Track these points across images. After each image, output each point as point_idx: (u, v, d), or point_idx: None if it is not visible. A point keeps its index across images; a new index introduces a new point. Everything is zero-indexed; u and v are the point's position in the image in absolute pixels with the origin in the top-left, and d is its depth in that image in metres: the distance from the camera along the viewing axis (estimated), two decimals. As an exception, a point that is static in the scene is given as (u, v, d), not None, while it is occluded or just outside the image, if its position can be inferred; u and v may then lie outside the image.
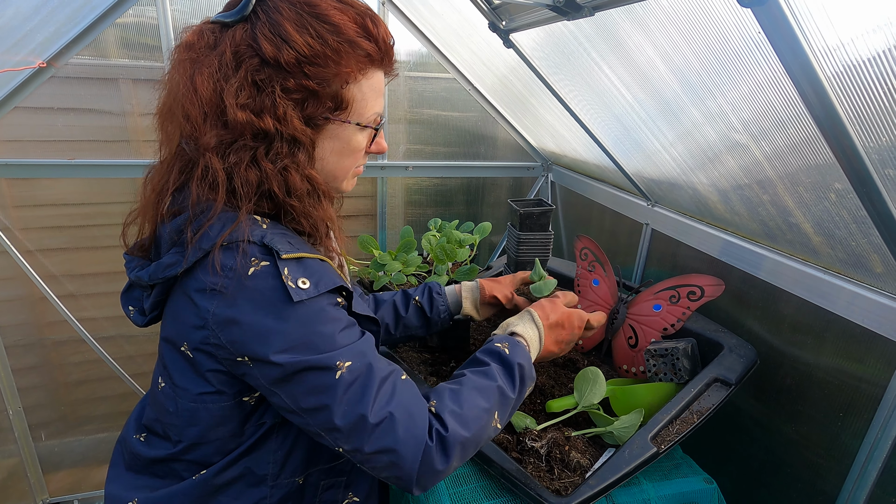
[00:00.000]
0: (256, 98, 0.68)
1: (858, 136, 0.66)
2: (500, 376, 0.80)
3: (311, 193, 0.73)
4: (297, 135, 0.70)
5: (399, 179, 2.11)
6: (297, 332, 0.67)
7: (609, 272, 1.36)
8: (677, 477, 1.01)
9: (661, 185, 1.39)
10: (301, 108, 0.70)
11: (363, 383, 0.69)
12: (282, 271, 0.66)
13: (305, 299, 0.67)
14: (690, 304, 1.20)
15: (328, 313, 0.70)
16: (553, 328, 0.96)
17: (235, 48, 0.68)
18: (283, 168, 0.70)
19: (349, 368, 0.68)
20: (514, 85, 1.70)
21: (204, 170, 0.69)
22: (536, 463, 0.97)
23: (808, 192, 0.88)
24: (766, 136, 0.87)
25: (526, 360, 0.84)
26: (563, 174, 2.06)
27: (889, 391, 0.90)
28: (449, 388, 0.77)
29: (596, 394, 1.06)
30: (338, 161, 0.77)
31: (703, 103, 0.96)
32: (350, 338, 0.71)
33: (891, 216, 0.71)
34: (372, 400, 0.68)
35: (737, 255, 1.21)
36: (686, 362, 1.12)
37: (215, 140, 0.68)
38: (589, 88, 1.28)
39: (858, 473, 0.96)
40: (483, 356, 0.83)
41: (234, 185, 0.69)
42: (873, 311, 0.92)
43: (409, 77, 1.99)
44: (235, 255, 0.66)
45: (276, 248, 0.67)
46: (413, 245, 1.51)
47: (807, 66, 0.61)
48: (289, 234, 0.72)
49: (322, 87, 0.70)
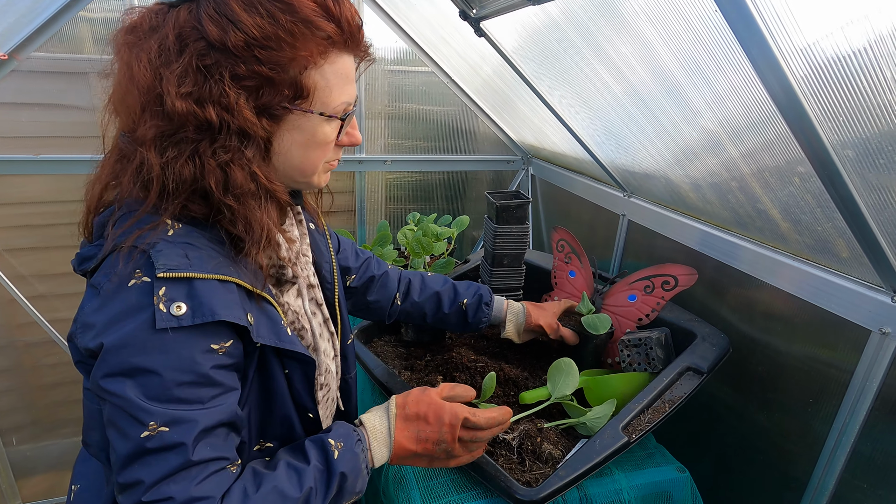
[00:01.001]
0: (202, 86, 0.61)
1: (813, 110, 0.66)
2: (314, 482, 0.67)
3: (253, 194, 0.65)
4: (246, 127, 0.63)
5: (379, 174, 2.09)
6: (135, 361, 0.58)
7: (585, 263, 1.36)
8: (650, 466, 1.01)
9: (636, 175, 1.39)
10: (255, 97, 0.63)
11: (164, 457, 0.58)
12: (156, 291, 0.59)
13: (171, 328, 0.58)
14: (665, 294, 1.20)
15: (190, 355, 0.59)
16: (411, 421, 0.79)
17: (179, 30, 0.62)
18: (224, 163, 0.63)
19: (160, 435, 0.57)
20: (491, 78, 1.69)
21: (140, 163, 0.63)
22: (508, 455, 0.96)
23: (774, 177, 0.88)
24: (730, 120, 0.87)
25: (354, 469, 0.71)
26: (542, 167, 2.05)
27: (856, 377, 0.91)
28: (245, 486, 0.63)
29: (569, 385, 1.05)
30: (303, 154, 0.70)
31: (674, 93, 0.96)
32: (193, 396, 0.60)
33: (851, 198, 0.71)
34: (162, 475, 0.58)
35: (710, 244, 1.21)
36: (659, 352, 1.11)
37: (153, 132, 0.62)
38: (565, 82, 1.27)
39: (828, 459, 0.96)
40: (310, 448, 0.70)
41: (166, 182, 0.62)
42: (840, 297, 0.92)
43: (388, 71, 1.97)
44: (127, 261, 0.61)
45: (158, 262, 0.59)
46: (388, 239, 1.50)
47: (761, 39, 0.60)
48: (197, 245, 0.64)
49: (277, 74, 0.63)
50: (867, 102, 0.62)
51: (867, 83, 0.60)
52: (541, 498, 0.84)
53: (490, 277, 1.37)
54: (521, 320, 1.14)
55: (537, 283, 1.45)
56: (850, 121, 0.65)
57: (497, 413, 0.84)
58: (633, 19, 0.87)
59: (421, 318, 1.16)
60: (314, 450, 0.70)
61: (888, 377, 0.86)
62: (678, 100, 0.95)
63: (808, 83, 0.64)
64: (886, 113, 0.61)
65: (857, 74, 0.60)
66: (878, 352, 0.86)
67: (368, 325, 1.36)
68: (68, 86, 1.60)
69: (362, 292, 1.11)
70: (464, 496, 0.92)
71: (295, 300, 0.79)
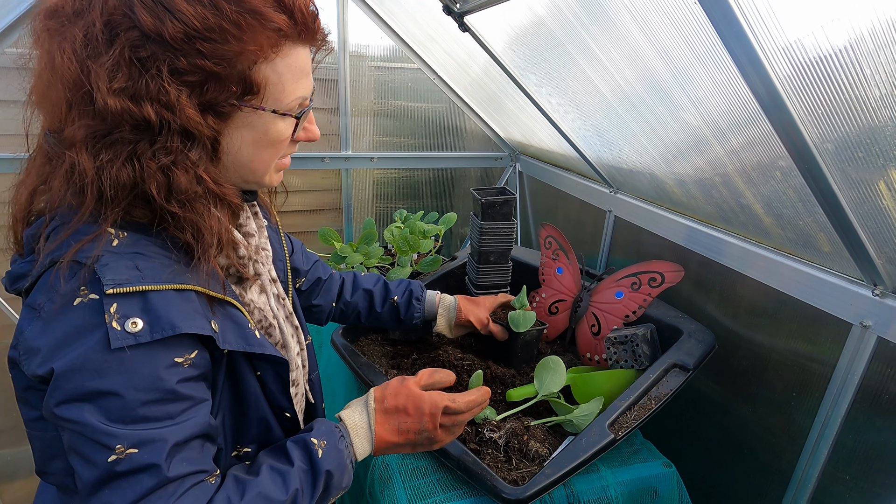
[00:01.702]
0: (137, 81, 0.55)
1: (795, 107, 0.66)
2: (300, 483, 0.65)
3: (200, 198, 0.60)
4: (189, 126, 0.57)
5: (366, 172, 2.07)
6: (91, 385, 0.54)
7: (573, 260, 1.36)
8: (637, 462, 1.01)
9: (622, 171, 1.39)
10: (199, 94, 0.58)
11: (137, 479, 0.54)
12: (107, 309, 0.54)
13: (128, 346, 0.54)
14: (651, 291, 1.20)
15: (152, 372, 0.56)
16: (390, 414, 0.78)
17: (108, 17, 0.54)
18: (166, 166, 0.57)
19: (129, 457, 0.54)
20: (478, 75, 1.68)
21: (70, 168, 0.57)
22: (494, 454, 0.95)
23: (756, 172, 0.88)
24: (714, 117, 0.87)
25: (339, 466, 0.69)
26: (530, 164, 2.05)
27: (838, 369, 0.91)
28: (228, 495, 0.61)
29: (556, 382, 1.05)
30: (254, 153, 0.65)
31: (659, 90, 0.95)
32: (160, 413, 0.56)
33: (832, 192, 0.71)
34: (136, 498, 0.55)
35: (696, 239, 1.22)
36: (646, 348, 1.12)
37: (84, 132, 0.56)
38: (552, 79, 1.27)
39: (811, 451, 0.97)
40: (292, 448, 0.68)
41: (103, 188, 0.57)
42: (822, 290, 0.92)
43: (375, 67, 1.95)
44: (68, 278, 0.56)
45: (105, 278, 0.55)
46: (375, 236, 1.48)
47: (743, 38, 0.60)
48: (146, 254, 0.59)
49: (223, 69, 0.57)
50: (846, 98, 0.62)
51: (847, 79, 0.60)
52: (527, 496, 0.83)
53: (477, 274, 1.37)
54: (453, 315, 1.13)
55: (525, 280, 1.44)
56: (830, 116, 0.65)
57: (476, 395, 0.84)
58: (619, 18, 0.86)
59: (356, 318, 1.14)
60: (297, 450, 0.68)
61: (869, 370, 0.87)
62: (663, 97, 0.95)
63: (791, 82, 0.64)
64: (865, 108, 0.62)
65: (837, 70, 0.60)
66: (859, 345, 0.87)
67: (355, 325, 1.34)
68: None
69: (307, 295, 1.08)
70: (450, 495, 0.91)
71: (259, 296, 0.75)
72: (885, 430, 0.86)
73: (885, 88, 0.58)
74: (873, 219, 0.72)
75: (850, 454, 0.92)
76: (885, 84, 0.58)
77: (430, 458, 0.99)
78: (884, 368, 0.85)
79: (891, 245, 0.74)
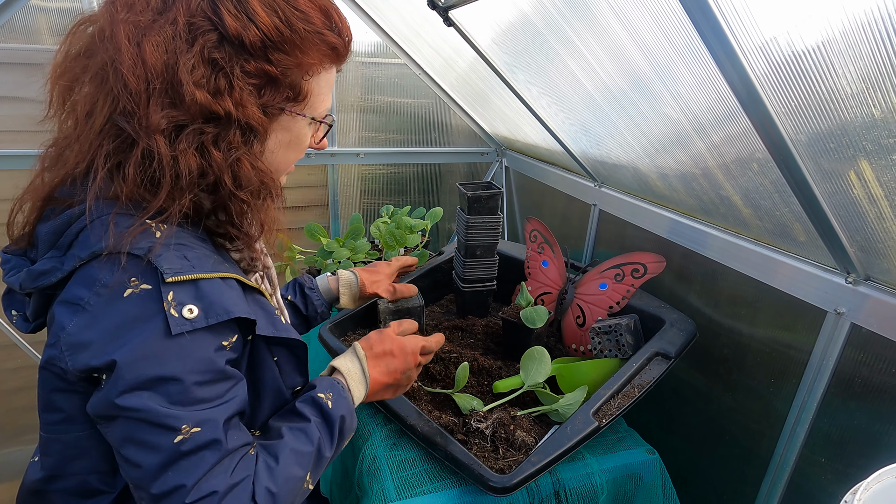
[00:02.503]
0: (210, 78, 0.61)
1: (771, 101, 0.67)
2: (320, 432, 0.72)
3: (261, 190, 0.67)
4: (252, 122, 0.64)
5: (353, 168, 2.07)
6: (151, 371, 0.57)
7: (558, 253, 1.37)
8: (621, 450, 1.03)
9: (606, 165, 1.40)
10: (258, 95, 0.65)
11: (201, 456, 0.59)
12: (164, 297, 0.57)
13: (188, 331, 0.58)
14: (634, 282, 1.22)
15: (205, 355, 0.60)
16: (380, 358, 0.86)
17: (190, 18, 0.60)
18: (236, 159, 0.63)
19: (193, 436, 0.58)
20: (464, 71, 1.68)
21: (147, 154, 0.59)
22: (481, 444, 0.97)
23: (734, 164, 0.90)
24: (694, 110, 0.89)
25: (348, 410, 0.77)
26: (516, 158, 2.06)
27: (814, 356, 0.94)
28: (264, 460, 0.66)
29: (541, 373, 1.07)
30: (285, 155, 0.73)
31: (642, 86, 0.97)
32: (213, 393, 0.61)
33: (806, 183, 0.73)
34: (202, 474, 0.58)
35: (678, 231, 1.24)
36: (629, 338, 1.14)
37: (167, 121, 0.60)
38: (537, 75, 1.27)
39: (789, 435, 1.00)
40: (303, 408, 0.74)
41: (180, 174, 0.61)
42: (798, 279, 0.95)
43: (360, 63, 1.94)
44: (114, 270, 0.58)
45: (163, 268, 0.58)
46: (361, 231, 1.48)
47: (722, 36, 0.61)
48: (189, 245, 0.63)
49: (283, 76, 0.65)
50: (819, 93, 0.64)
51: (819, 76, 0.62)
52: (513, 484, 0.85)
53: (464, 268, 1.38)
54: (356, 290, 1.14)
55: (511, 274, 1.46)
56: (804, 111, 0.67)
57: (439, 336, 0.97)
58: (601, 13, 0.87)
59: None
60: (308, 407, 0.74)
61: (843, 356, 0.90)
62: (645, 92, 0.97)
63: (767, 78, 0.66)
64: (836, 103, 0.63)
65: (810, 67, 0.62)
66: (833, 331, 0.90)
67: (342, 320, 1.34)
68: (25, 78, 1.53)
69: None
70: (438, 485, 0.92)
71: (267, 286, 0.81)
72: (858, 414, 0.89)
73: (855, 86, 0.60)
74: (845, 208, 0.75)
75: (826, 438, 0.95)
76: (856, 81, 0.59)
77: (417, 449, 0.99)
78: (857, 354, 0.88)
79: (862, 234, 0.76)
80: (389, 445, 1.01)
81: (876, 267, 0.81)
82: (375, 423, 1.07)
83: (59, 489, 0.68)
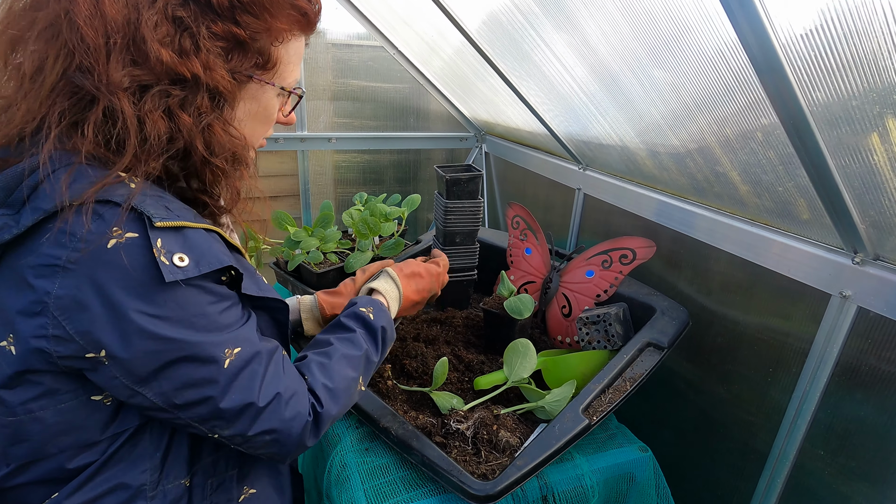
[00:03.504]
0: (174, 37, 0.57)
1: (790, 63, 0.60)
2: (365, 342, 0.78)
3: (234, 157, 0.65)
4: (221, 87, 0.61)
5: (325, 155, 1.95)
6: (172, 316, 0.56)
7: (541, 240, 1.29)
8: (612, 448, 0.96)
9: (591, 146, 1.33)
10: (225, 59, 0.61)
11: (253, 369, 0.63)
12: (153, 243, 0.55)
13: (182, 279, 0.56)
14: (623, 269, 1.15)
15: (211, 292, 0.60)
16: (411, 278, 0.98)
17: None
18: (207, 123, 0.61)
19: (238, 355, 0.61)
20: (440, 47, 1.59)
21: (109, 113, 0.56)
22: (462, 446, 0.88)
23: (737, 137, 0.83)
24: (691, 80, 0.81)
25: (388, 322, 0.84)
26: (496, 144, 1.98)
27: (816, 343, 0.88)
28: (318, 360, 0.73)
29: (526, 367, 0.98)
30: (253, 127, 0.70)
31: (632, 60, 0.89)
32: (235, 317, 0.63)
33: (818, 151, 0.66)
34: (260, 384, 0.63)
35: (667, 213, 1.17)
36: (619, 328, 1.06)
37: (129, 80, 0.56)
38: (517, 50, 1.19)
39: (788, 428, 0.94)
40: (348, 321, 0.81)
41: (148, 136, 0.57)
42: (800, 261, 0.89)
43: (332, 44, 1.83)
44: (90, 222, 0.53)
45: (149, 212, 0.55)
46: (331, 219, 1.38)
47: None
48: (167, 197, 0.61)
49: (251, 40, 0.62)
50: (848, 53, 0.56)
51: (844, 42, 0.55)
52: (497, 491, 0.77)
53: (442, 257, 1.28)
54: (317, 314, 1.05)
55: (493, 262, 1.37)
56: (829, 72, 0.59)
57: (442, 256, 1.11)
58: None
59: None
60: (352, 320, 0.80)
61: (848, 342, 0.84)
62: (647, 67, 0.88)
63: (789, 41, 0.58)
64: (865, 61, 0.56)
65: (838, 35, 0.54)
66: (838, 316, 0.84)
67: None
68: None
69: None
70: (414, 494, 0.83)
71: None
72: (864, 404, 0.84)
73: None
74: (861, 179, 0.68)
75: (828, 430, 0.90)
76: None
77: (392, 455, 0.90)
78: (863, 339, 0.82)
79: (877, 207, 0.70)
80: (361, 451, 0.92)
81: (888, 244, 0.75)
82: (346, 427, 0.97)
83: (22, 483, 0.62)
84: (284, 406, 0.64)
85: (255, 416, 0.62)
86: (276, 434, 0.64)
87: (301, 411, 0.66)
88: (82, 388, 0.60)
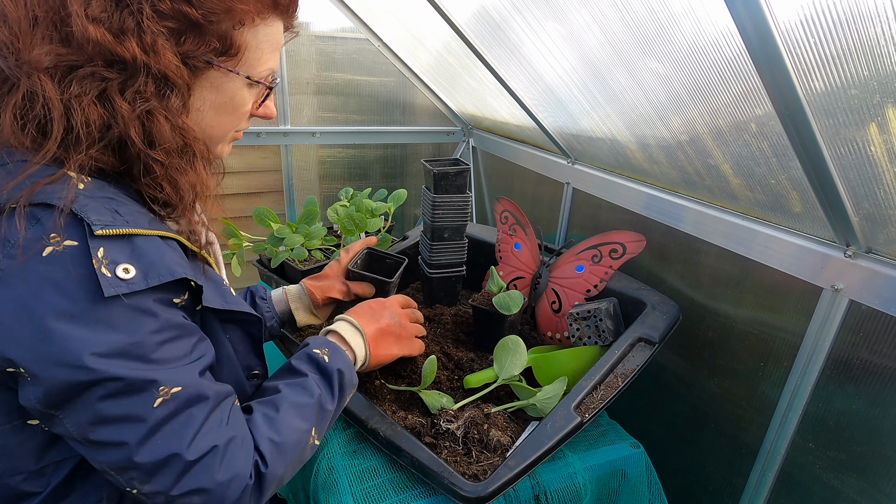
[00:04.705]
0: (112, 14, 0.51)
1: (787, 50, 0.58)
2: (319, 387, 0.69)
3: (183, 150, 0.58)
4: (169, 73, 0.54)
5: (310, 150, 1.91)
6: (104, 338, 0.49)
7: (530, 235, 1.28)
8: (604, 445, 0.94)
9: (580, 139, 1.31)
10: (177, 42, 0.55)
11: (190, 414, 0.54)
12: (94, 253, 0.49)
13: (124, 294, 0.50)
14: (613, 263, 1.13)
15: (156, 316, 0.53)
16: (365, 314, 0.87)
17: None
18: (146, 112, 0.54)
19: (175, 396, 0.53)
20: (426, 39, 1.55)
21: (29, 97, 0.51)
22: (452, 447, 0.86)
23: (729, 128, 0.81)
24: (684, 69, 0.79)
25: (345, 364, 0.74)
26: (484, 138, 1.96)
27: (808, 337, 0.88)
28: (262, 410, 0.64)
29: (517, 364, 0.96)
30: (216, 118, 0.63)
31: (623, 53, 0.87)
32: (181, 351, 0.56)
33: (814, 142, 0.64)
34: (194, 433, 0.54)
35: (656, 207, 1.16)
36: (609, 323, 1.05)
37: (52, 59, 0.50)
38: (507, 41, 1.16)
39: (780, 422, 0.93)
40: (299, 364, 0.71)
41: (74, 126, 0.52)
42: (791, 255, 0.88)
43: (317, 37, 1.78)
44: (26, 225, 0.48)
45: (89, 219, 0.50)
46: (316, 215, 1.34)
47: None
48: (120, 199, 0.55)
49: (208, 22, 0.55)
50: (850, 40, 0.55)
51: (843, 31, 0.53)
52: (489, 493, 0.74)
53: (430, 252, 1.26)
54: (307, 301, 1.02)
55: (482, 258, 1.35)
56: (828, 60, 0.58)
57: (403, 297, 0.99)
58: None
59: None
60: (304, 364, 0.71)
61: (840, 335, 0.83)
62: (635, 54, 0.87)
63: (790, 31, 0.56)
64: (865, 49, 0.55)
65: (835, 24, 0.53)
66: (829, 309, 0.83)
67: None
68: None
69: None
70: (404, 497, 0.81)
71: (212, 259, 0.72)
72: (855, 398, 0.83)
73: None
74: (856, 170, 0.67)
75: (819, 424, 0.89)
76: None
77: (380, 457, 0.88)
78: (855, 333, 0.81)
79: (872, 199, 0.69)
80: (348, 453, 0.89)
81: (881, 237, 0.74)
82: (332, 429, 0.94)
83: None
84: (220, 463, 0.55)
85: (180, 472, 0.53)
86: (207, 496, 0.55)
87: (241, 472, 0.57)
88: (17, 411, 0.55)
